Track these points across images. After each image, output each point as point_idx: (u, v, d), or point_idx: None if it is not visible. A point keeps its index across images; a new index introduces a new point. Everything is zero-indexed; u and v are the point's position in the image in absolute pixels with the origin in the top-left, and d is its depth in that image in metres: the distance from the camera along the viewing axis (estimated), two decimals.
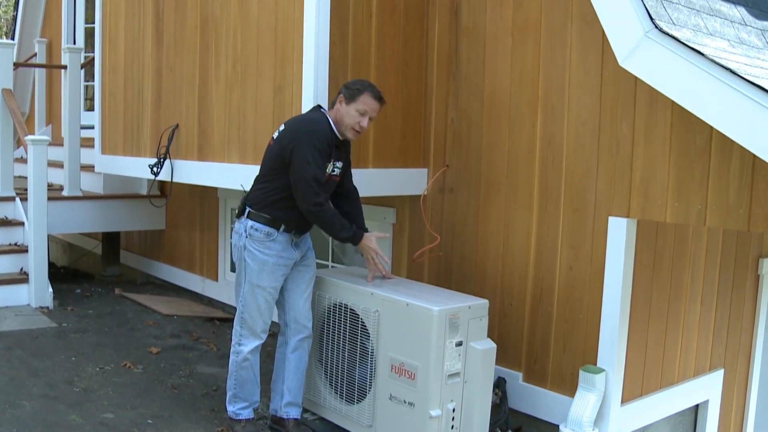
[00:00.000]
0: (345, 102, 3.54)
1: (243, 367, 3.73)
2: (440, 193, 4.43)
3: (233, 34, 4.55)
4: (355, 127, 3.55)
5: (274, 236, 3.59)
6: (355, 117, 3.53)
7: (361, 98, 3.52)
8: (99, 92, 6.17)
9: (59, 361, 4.63)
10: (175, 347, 5.14)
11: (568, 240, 3.77)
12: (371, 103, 3.54)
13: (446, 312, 3.40)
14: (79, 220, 6.59)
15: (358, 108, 3.52)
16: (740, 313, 4.50)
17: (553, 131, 3.80)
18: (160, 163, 5.24)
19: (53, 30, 9.23)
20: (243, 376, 3.74)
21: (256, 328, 3.70)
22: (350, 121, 3.53)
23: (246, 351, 3.70)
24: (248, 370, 3.74)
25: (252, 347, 3.71)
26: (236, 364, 3.74)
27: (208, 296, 6.50)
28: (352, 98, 3.53)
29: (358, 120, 3.53)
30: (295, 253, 3.70)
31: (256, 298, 3.64)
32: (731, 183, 3.08)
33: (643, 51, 3.04)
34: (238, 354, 3.73)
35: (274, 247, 3.60)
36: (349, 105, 3.53)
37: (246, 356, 3.71)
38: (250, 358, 3.73)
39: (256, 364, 3.78)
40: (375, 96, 3.55)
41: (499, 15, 4.04)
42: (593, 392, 3.51)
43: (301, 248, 3.73)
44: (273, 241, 3.59)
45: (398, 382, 3.51)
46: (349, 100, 3.53)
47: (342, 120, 3.55)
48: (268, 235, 3.58)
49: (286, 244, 3.64)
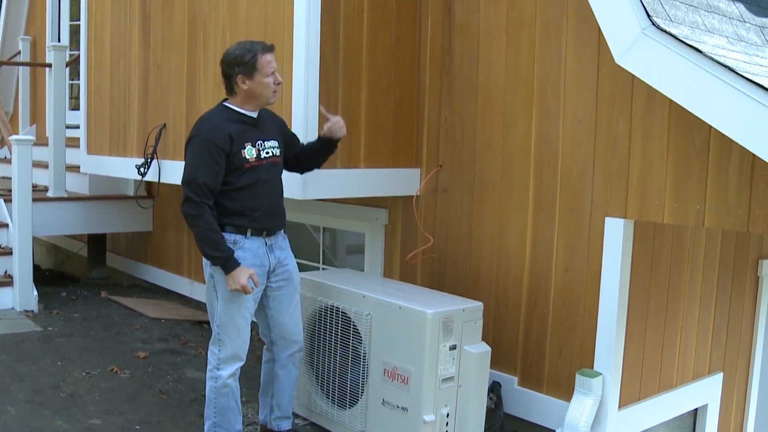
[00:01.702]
0: (247, 78, 3.27)
1: (223, 393, 3.42)
2: (433, 193, 4.39)
3: (222, 31, 4.51)
4: (274, 90, 3.34)
5: (241, 244, 3.35)
6: (268, 82, 3.30)
7: (260, 62, 3.27)
8: (84, 91, 6.13)
9: (45, 366, 4.59)
10: (162, 351, 5.09)
11: (564, 241, 3.74)
12: (270, 57, 3.29)
13: (440, 315, 3.38)
14: (64, 221, 6.54)
15: (266, 71, 3.28)
16: (739, 315, 4.49)
17: (549, 130, 3.77)
18: (147, 163, 5.22)
19: (37, 27, 9.15)
20: (222, 403, 3.43)
21: (236, 350, 3.40)
22: (267, 89, 3.31)
23: (225, 376, 3.39)
24: (228, 397, 3.43)
25: (231, 371, 3.40)
26: (215, 391, 3.42)
27: (196, 299, 6.45)
28: (252, 69, 3.27)
29: (273, 80, 3.31)
30: (268, 260, 3.42)
31: (233, 317, 3.35)
32: (730, 183, 3.06)
33: (640, 48, 3.00)
34: (217, 380, 3.40)
35: (242, 256, 3.32)
36: (254, 77, 3.28)
37: (226, 382, 3.40)
38: (231, 384, 3.42)
39: (237, 390, 3.47)
40: (267, 49, 3.31)
41: (493, 12, 4.01)
42: (590, 396, 3.48)
43: (275, 253, 3.47)
44: (241, 249, 3.33)
45: (391, 386, 3.49)
46: (250, 73, 3.28)
47: (258, 94, 3.30)
48: (235, 243, 3.34)
49: (257, 250, 3.39)
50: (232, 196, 3.31)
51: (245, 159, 3.30)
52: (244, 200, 3.32)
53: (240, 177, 3.30)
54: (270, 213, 3.41)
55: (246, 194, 3.33)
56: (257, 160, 3.34)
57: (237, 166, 3.29)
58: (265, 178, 3.37)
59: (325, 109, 3.73)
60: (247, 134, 3.33)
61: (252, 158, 3.32)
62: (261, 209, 3.36)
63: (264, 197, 3.38)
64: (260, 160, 3.35)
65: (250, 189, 3.33)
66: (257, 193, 3.35)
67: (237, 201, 3.32)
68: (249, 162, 3.31)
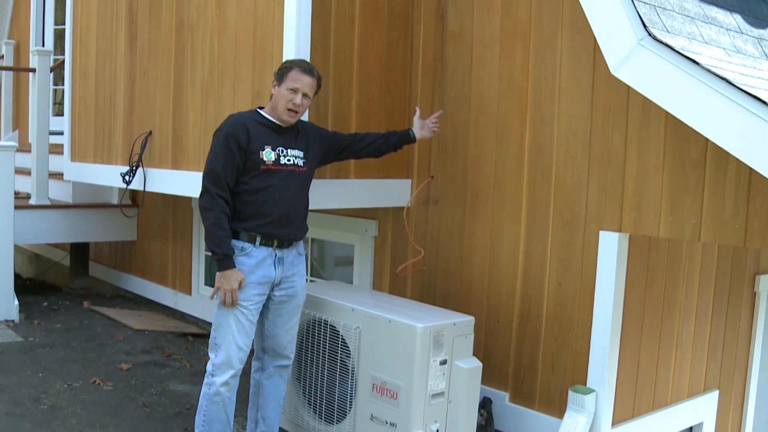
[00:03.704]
0: (276, 85, 3.38)
1: (214, 401, 3.37)
2: (424, 205, 4.36)
3: (210, 37, 4.46)
4: (288, 106, 3.35)
5: (248, 251, 3.36)
6: (287, 96, 3.34)
7: (290, 75, 3.34)
8: (69, 97, 6.07)
9: (25, 377, 4.55)
10: (146, 364, 5.06)
11: (557, 255, 3.70)
12: (301, 77, 3.34)
13: (430, 329, 3.36)
14: (46, 230, 6.48)
15: (288, 86, 3.34)
16: (736, 331, 4.47)
17: (543, 141, 3.74)
18: (132, 171, 5.16)
19: (21, 31, 9.12)
20: (213, 412, 3.38)
21: (230, 355, 3.35)
22: (283, 102, 3.35)
23: (219, 383, 3.35)
24: (219, 406, 3.38)
25: (225, 379, 3.36)
26: (207, 398, 3.38)
27: (181, 311, 6.41)
28: (281, 78, 3.36)
29: (291, 98, 3.33)
30: (275, 272, 3.43)
31: (228, 318, 3.36)
32: (727, 197, 3.05)
33: (636, 59, 2.99)
34: (210, 386, 3.38)
35: (246, 262, 3.34)
36: (280, 86, 3.36)
37: (218, 389, 3.36)
38: (223, 392, 3.37)
39: (230, 403, 3.41)
40: (304, 70, 3.36)
41: (487, 20, 3.98)
42: (583, 414, 3.45)
43: (285, 268, 3.46)
44: (247, 255, 3.36)
45: (380, 401, 3.46)
46: (279, 81, 3.36)
47: (276, 103, 3.38)
48: (242, 249, 3.36)
49: (264, 259, 3.39)
50: (245, 199, 3.35)
51: (262, 160, 3.34)
52: (256, 204, 3.36)
53: (254, 178, 3.34)
54: (282, 221, 3.40)
55: (259, 198, 3.36)
56: (275, 165, 3.37)
57: (253, 167, 3.33)
58: (281, 184, 3.38)
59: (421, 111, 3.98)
60: (269, 137, 3.39)
61: (270, 161, 3.36)
62: (273, 215, 3.37)
63: (277, 204, 3.38)
64: (279, 165, 3.38)
65: (263, 193, 3.36)
66: (271, 198, 3.37)
67: (249, 204, 3.35)
68: (266, 164, 3.35)
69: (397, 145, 3.84)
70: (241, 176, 3.33)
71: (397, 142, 3.83)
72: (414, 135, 3.85)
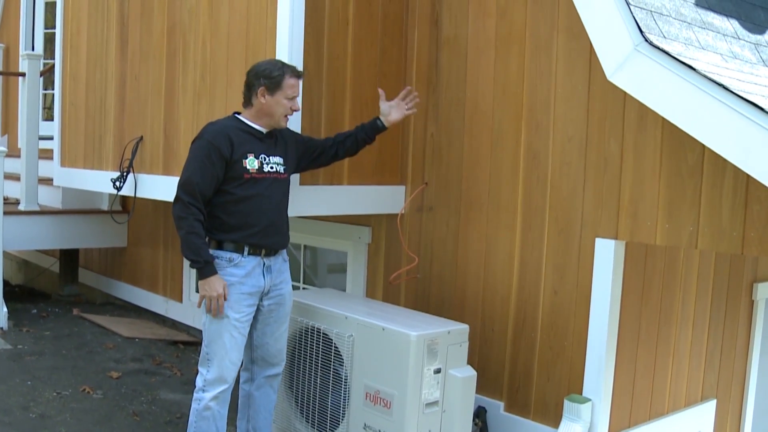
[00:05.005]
0: (268, 93, 3.35)
1: (203, 417, 3.31)
2: (418, 211, 4.34)
3: (202, 41, 4.44)
4: (287, 114, 3.40)
5: (236, 261, 3.32)
6: (286, 104, 3.37)
7: (285, 83, 3.35)
8: (59, 101, 6.03)
9: (14, 386, 4.52)
10: (136, 372, 5.03)
11: (552, 262, 3.69)
12: (296, 83, 3.40)
13: (424, 337, 3.35)
14: (35, 236, 6.44)
15: (287, 94, 3.36)
16: (733, 340, 4.46)
17: (538, 148, 3.72)
18: (123, 176, 5.12)
19: (11, 35, 9.07)
20: (203, 428, 3.31)
21: (222, 370, 3.30)
22: (282, 110, 3.37)
23: (208, 398, 3.30)
24: (209, 421, 3.31)
25: (215, 393, 3.30)
26: (196, 414, 3.32)
27: (171, 318, 6.37)
28: (276, 86, 3.34)
29: (290, 105, 3.38)
30: (264, 281, 3.39)
31: (220, 333, 3.30)
32: (724, 204, 3.04)
33: (632, 65, 2.98)
34: (200, 401, 3.32)
35: (236, 273, 3.30)
36: (275, 95, 3.34)
37: (208, 404, 3.30)
38: (213, 407, 3.31)
39: (221, 417, 3.35)
40: (295, 74, 3.40)
41: (482, 25, 3.96)
42: (578, 423, 3.44)
43: (272, 275, 3.44)
44: (236, 266, 3.31)
45: (373, 410, 3.44)
46: (273, 89, 3.34)
47: (271, 111, 3.37)
48: (230, 260, 3.32)
49: (253, 269, 3.35)
50: (230, 209, 3.32)
51: (245, 169, 3.31)
52: (242, 214, 3.32)
53: (238, 187, 3.30)
54: (269, 230, 3.38)
55: (245, 208, 3.32)
56: (259, 173, 3.34)
57: (236, 176, 3.30)
58: (266, 193, 3.36)
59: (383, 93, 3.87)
60: (251, 145, 3.35)
61: (253, 170, 3.33)
62: (259, 224, 3.34)
63: (264, 213, 3.36)
64: (262, 174, 3.35)
65: (249, 202, 3.33)
66: (256, 207, 3.34)
67: (235, 215, 3.32)
68: (249, 173, 3.32)
69: (368, 140, 3.77)
70: (223, 185, 3.29)
71: (366, 137, 3.76)
72: (382, 124, 3.75)
